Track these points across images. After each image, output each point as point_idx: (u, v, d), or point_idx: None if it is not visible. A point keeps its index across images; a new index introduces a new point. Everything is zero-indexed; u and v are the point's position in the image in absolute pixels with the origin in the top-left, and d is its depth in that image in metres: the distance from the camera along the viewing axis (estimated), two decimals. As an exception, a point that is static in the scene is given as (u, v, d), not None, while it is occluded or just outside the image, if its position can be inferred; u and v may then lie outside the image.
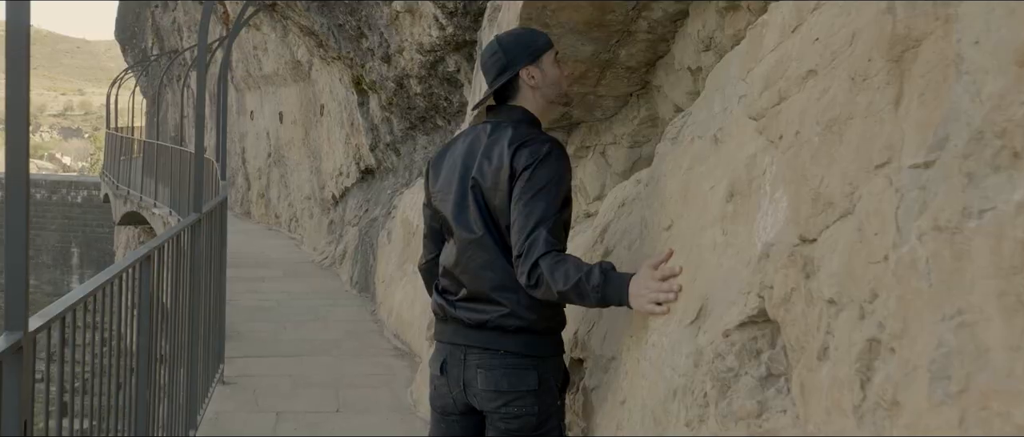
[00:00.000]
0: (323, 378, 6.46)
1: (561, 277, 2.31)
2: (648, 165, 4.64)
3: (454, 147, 2.71)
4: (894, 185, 1.27)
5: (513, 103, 2.64)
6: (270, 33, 13.60)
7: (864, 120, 1.35)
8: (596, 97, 4.24)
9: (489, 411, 2.55)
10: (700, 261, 2.07)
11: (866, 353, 1.29)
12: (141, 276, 3.49)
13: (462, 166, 2.60)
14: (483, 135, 2.61)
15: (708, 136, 2.26)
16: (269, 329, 7.99)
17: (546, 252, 2.36)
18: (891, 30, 1.29)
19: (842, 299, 1.37)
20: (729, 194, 1.97)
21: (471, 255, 2.54)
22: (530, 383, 2.52)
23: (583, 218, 4.87)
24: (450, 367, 2.60)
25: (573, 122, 4.55)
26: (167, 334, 4.29)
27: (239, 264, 11.40)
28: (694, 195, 2.24)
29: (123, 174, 19.96)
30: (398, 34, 8.36)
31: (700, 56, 3.34)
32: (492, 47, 2.69)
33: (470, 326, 2.56)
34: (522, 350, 2.53)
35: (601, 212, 3.55)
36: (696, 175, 2.26)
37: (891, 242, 1.25)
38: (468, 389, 2.57)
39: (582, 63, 3.81)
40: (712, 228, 2.03)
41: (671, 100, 3.86)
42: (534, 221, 2.38)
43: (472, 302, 2.56)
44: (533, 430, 2.54)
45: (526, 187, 2.43)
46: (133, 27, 30.42)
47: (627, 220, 3.00)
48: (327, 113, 12.26)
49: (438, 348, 2.69)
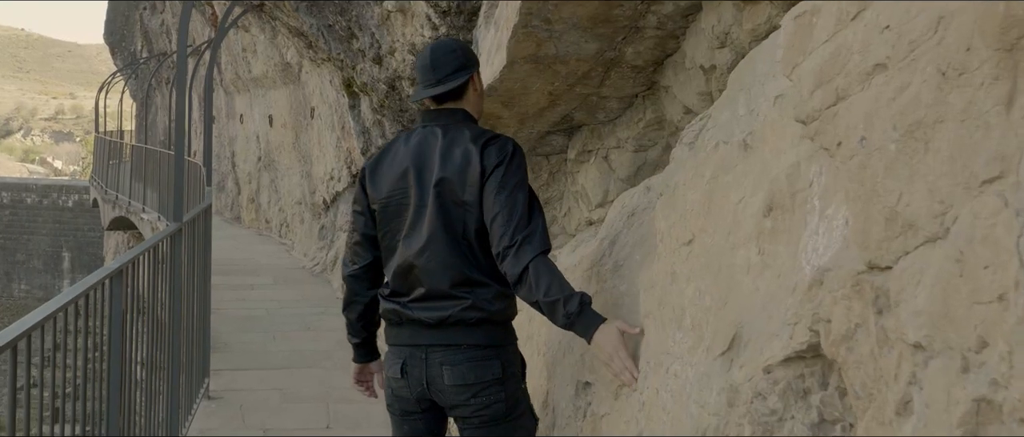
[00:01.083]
0: (313, 392, 6.22)
1: (544, 287, 2.38)
2: (654, 171, 4.40)
3: (392, 153, 2.70)
4: (1011, 206, 1.02)
5: (457, 105, 2.67)
6: (259, 34, 13.34)
7: (961, 124, 1.10)
8: (599, 98, 3.99)
9: (458, 406, 2.59)
10: (731, 283, 1.82)
11: (973, 416, 1.04)
12: (112, 294, 3.23)
13: (415, 168, 2.60)
14: (433, 137, 2.62)
15: (735, 141, 2.02)
16: (258, 340, 7.73)
17: (541, 252, 2.44)
18: (1003, 12, 1.03)
19: (934, 344, 1.11)
20: (766, 208, 1.72)
21: (430, 255, 2.56)
22: (495, 372, 2.58)
23: (585, 226, 4.63)
24: (411, 368, 2.62)
25: (575, 125, 4.31)
26: (144, 354, 4.03)
27: (228, 271, 11.14)
28: (720, 207, 2.00)
29: (111, 179, 19.69)
30: (389, 34, 8.11)
31: (714, 53, 3.10)
32: (449, 45, 2.72)
33: (429, 325, 2.58)
34: (483, 341, 2.57)
35: (607, 221, 3.31)
36: (722, 185, 2.02)
37: (1011, 279, 1.00)
38: (431, 386, 2.60)
39: (585, 62, 3.56)
40: (745, 246, 1.79)
41: (681, 101, 3.61)
42: (523, 212, 2.46)
43: (431, 301, 2.58)
44: (504, 418, 2.60)
45: (504, 181, 2.50)
46: (122, 30, 30.06)
47: (639, 231, 2.75)
48: (317, 116, 12.02)
49: (394, 352, 2.68)
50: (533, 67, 3.57)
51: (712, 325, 1.85)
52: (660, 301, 2.31)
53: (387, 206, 2.66)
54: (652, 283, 2.43)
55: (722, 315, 1.82)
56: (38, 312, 2.59)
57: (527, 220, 2.45)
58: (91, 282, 2.98)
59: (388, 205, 2.65)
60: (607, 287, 2.85)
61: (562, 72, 3.63)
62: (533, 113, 4.07)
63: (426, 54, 2.68)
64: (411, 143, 2.66)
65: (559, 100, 3.95)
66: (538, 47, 3.43)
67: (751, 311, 1.70)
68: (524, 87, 3.75)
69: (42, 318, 2.55)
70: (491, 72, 3.78)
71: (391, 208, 2.65)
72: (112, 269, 3.22)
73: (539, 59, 3.51)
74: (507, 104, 3.96)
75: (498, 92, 3.83)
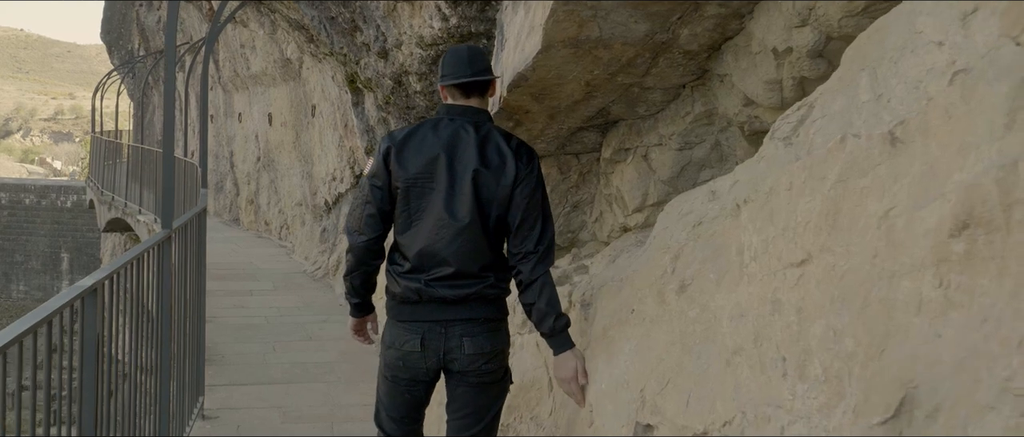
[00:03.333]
0: (316, 409, 5.78)
1: (546, 298, 2.79)
2: (700, 171, 3.92)
3: (422, 136, 2.83)
4: None
5: (481, 104, 2.88)
6: (258, 30, 12.86)
7: None
8: (642, 90, 3.52)
9: (468, 371, 2.87)
10: (890, 325, 1.36)
11: None
12: (85, 315, 2.76)
13: (447, 155, 2.78)
14: (466, 131, 2.81)
15: (873, 135, 1.55)
16: (256, 351, 7.26)
17: (550, 267, 2.84)
18: None
19: None
20: (957, 226, 1.26)
21: (466, 239, 2.78)
22: (505, 340, 2.94)
23: (619, 232, 4.15)
24: (430, 341, 2.84)
25: (611, 120, 3.83)
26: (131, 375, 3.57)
27: (226, 276, 10.69)
28: (854, 220, 1.54)
29: (108, 180, 19.23)
30: (396, 26, 7.64)
31: (792, 34, 2.63)
32: (479, 48, 2.99)
33: (451, 302, 2.82)
34: (496, 315, 2.89)
35: (661, 230, 2.84)
36: (855, 191, 1.56)
37: None
38: (448, 356, 2.85)
39: (632, 46, 3.09)
40: (914, 276, 1.33)
41: (740, 91, 3.15)
42: (546, 224, 2.84)
43: (458, 279, 2.81)
44: (500, 379, 2.95)
45: (535, 188, 2.82)
46: (119, 28, 29.56)
47: (710, 245, 2.28)
48: (319, 114, 11.56)
49: (411, 327, 2.86)
50: (571, 53, 3.10)
51: (862, 379, 1.39)
52: (756, 336, 1.84)
53: (413, 186, 2.81)
54: (740, 311, 1.97)
55: (879, 368, 1.36)
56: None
57: (547, 232, 2.83)
58: (56, 306, 2.51)
59: (414, 185, 2.81)
60: (672, 311, 2.38)
61: (604, 58, 3.16)
62: (566, 107, 3.60)
63: (463, 50, 2.88)
64: (441, 132, 2.81)
65: (596, 91, 3.48)
66: (579, 29, 2.96)
67: (932, 367, 1.24)
68: (559, 76, 3.28)
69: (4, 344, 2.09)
70: (521, 59, 3.31)
71: (416, 188, 2.81)
72: (86, 287, 2.75)
73: (579, 43, 3.04)
74: (538, 96, 3.49)
75: (528, 82, 3.36)
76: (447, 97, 2.87)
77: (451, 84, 2.82)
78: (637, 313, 2.64)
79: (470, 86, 2.81)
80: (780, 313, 1.77)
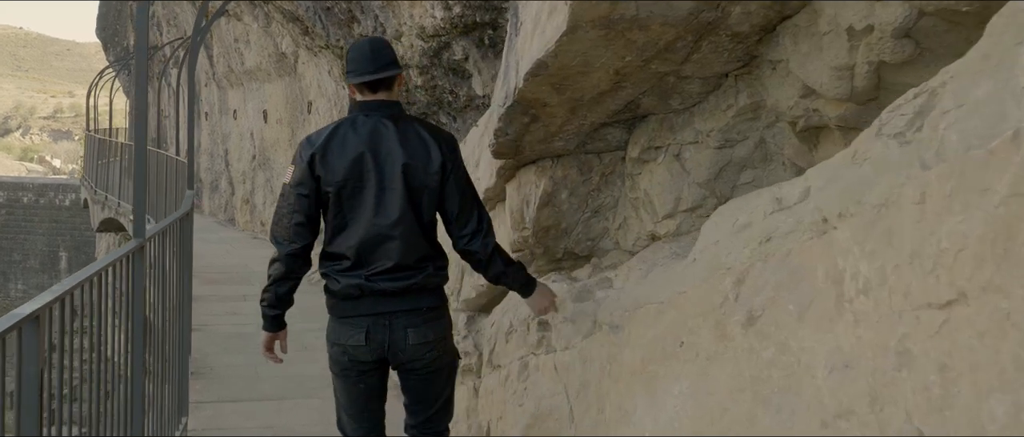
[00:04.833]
0: (310, 430, 5.32)
1: (504, 260, 3.03)
2: (740, 171, 3.46)
3: (343, 136, 2.88)
4: None
5: (389, 97, 2.94)
6: (252, 23, 12.40)
7: None
8: (678, 79, 3.06)
9: (412, 360, 2.96)
10: None
11: None
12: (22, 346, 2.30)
13: (371, 153, 2.85)
14: (383, 125, 2.89)
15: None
16: (247, 363, 6.79)
17: (494, 238, 3.03)
18: None
19: None
20: None
21: (403, 231, 2.86)
22: (447, 326, 3.06)
23: (647, 241, 3.68)
24: (374, 334, 2.91)
25: (639, 114, 3.37)
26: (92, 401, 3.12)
27: (218, 280, 10.26)
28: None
29: (101, 178, 18.80)
30: (395, 17, 7.18)
31: (875, 9, 2.17)
32: (383, 41, 2.99)
33: (392, 294, 2.89)
34: (437, 302, 2.99)
35: (713, 242, 2.39)
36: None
37: None
38: (392, 347, 2.93)
39: (673, 27, 2.63)
40: None
41: (800, 79, 2.69)
42: (478, 203, 3.01)
43: (398, 272, 2.89)
44: (448, 364, 3.08)
45: (462, 173, 2.97)
46: (115, 25, 29.12)
47: (785, 268, 1.83)
48: (315, 110, 11.11)
49: (353, 322, 2.92)
50: (602, 35, 2.64)
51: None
52: (874, 397, 1.39)
53: (343, 188, 2.86)
54: (843, 361, 1.52)
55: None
56: None
57: (483, 210, 3.01)
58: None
59: (344, 187, 2.86)
60: (738, 348, 1.93)
61: (639, 42, 2.70)
62: (590, 99, 3.14)
63: (365, 45, 2.93)
64: (360, 130, 2.87)
65: (626, 81, 3.02)
66: (613, 6, 2.50)
67: None
68: (585, 62, 2.82)
69: None
70: (541, 44, 2.85)
71: (347, 190, 2.87)
72: (24, 315, 2.29)
73: (611, 23, 2.58)
74: (558, 87, 3.03)
75: (549, 70, 2.90)
76: (356, 93, 2.93)
77: (357, 82, 2.87)
78: (688, 346, 2.18)
79: (376, 82, 2.87)
80: (911, 369, 1.32)
